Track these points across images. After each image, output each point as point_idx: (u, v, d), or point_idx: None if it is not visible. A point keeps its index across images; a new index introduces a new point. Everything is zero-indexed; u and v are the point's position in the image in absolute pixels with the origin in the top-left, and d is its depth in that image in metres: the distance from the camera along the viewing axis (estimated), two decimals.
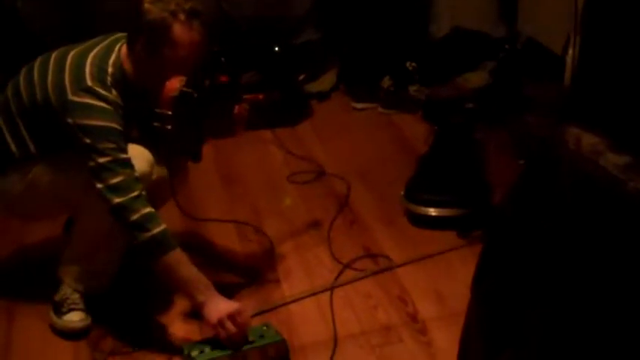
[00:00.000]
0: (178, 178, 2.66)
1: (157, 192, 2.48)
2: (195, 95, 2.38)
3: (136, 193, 2.28)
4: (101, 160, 2.28)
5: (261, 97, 2.59)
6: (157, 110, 2.37)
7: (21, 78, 2.48)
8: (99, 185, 2.28)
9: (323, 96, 4.24)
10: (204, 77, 2.46)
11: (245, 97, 2.56)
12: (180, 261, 2.32)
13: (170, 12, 2.31)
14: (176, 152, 2.56)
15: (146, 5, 2.32)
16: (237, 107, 2.53)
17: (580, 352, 1.41)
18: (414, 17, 4.27)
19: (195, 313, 2.42)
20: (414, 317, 2.58)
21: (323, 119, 4.06)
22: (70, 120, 2.31)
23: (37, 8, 3.95)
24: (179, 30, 2.32)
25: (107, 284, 2.57)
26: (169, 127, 2.37)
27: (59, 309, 2.53)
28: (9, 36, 3.83)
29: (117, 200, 2.27)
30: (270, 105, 3.47)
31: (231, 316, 2.30)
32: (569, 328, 1.42)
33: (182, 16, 2.32)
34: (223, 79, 2.49)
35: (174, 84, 2.38)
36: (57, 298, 2.54)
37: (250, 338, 2.34)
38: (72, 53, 2.43)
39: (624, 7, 1.95)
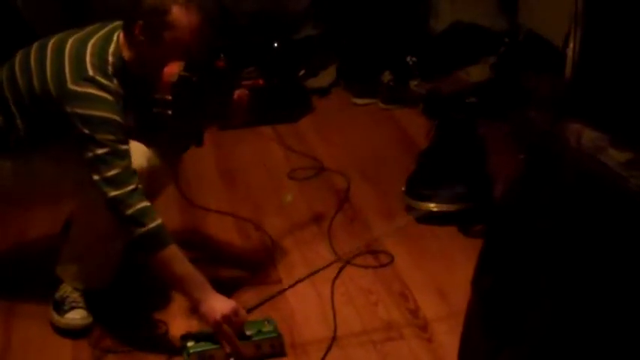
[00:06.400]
0: (174, 168, 2.66)
1: (152, 183, 2.47)
2: (194, 79, 2.37)
3: (132, 187, 2.27)
4: (99, 151, 2.27)
5: (261, 82, 2.59)
6: (157, 96, 2.36)
7: (16, 63, 2.45)
8: (95, 177, 2.27)
9: (323, 92, 4.23)
10: (202, 62, 2.45)
11: (244, 83, 2.56)
12: (175, 257, 2.31)
13: None
14: (178, 137, 2.56)
15: None
16: (236, 92, 2.53)
17: (579, 350, 1.40)
18: (414, 11, 4.26)
19: (195, 310, 2.41)
20: (415, 313, 2.57)
21: (323, 115, 4.05)
22: (69, 109, 2.30)
23: (36, 2, 3.94)
24: (178, 13, 2.33)
25: (106, 282, 2.56)
26: (170, 112, 2.36)
27: (60, 307, 2.52)
28: (7, 30, 3.81)
29: (113, 193, 2.26)
30: (269, 92, 3.47)
31: (228, 317, 2.30)
32: (569, 325, 1.41)
33: (180, 0, 2.33)
34: (221, 64, 2.49)
35: (173, 69, 2.38)
36: (57, 296, 2.53)
37: (248, 332, 2.36)
38: (70, 41, 2.40)
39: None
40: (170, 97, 2.35)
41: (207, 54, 2.53)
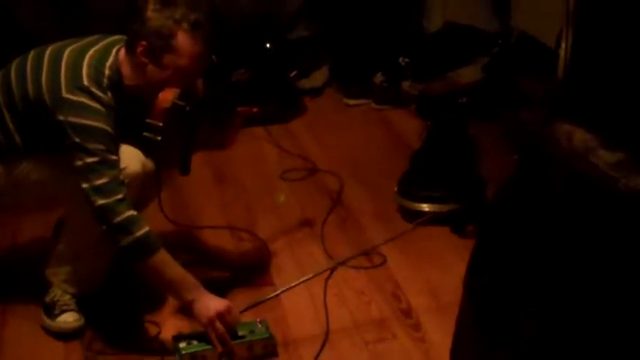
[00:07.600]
0: (165, 184, 2.64)
1: (146, 189, 2.47)
2: (188, 109, 2.36)
3: (120, 196, 2.27)
4: (89, 160, 2.26)
5: (255, 110, 2.57)
6: (148, 120, 2.35)
7: (12, 71, 2.44)
8: (84, 185, 2.27)
9: (315, 92, 4.23)
10: (198, 91, 2.44)
11: (239, 110, 2.55)
12: (165, 262, 2.31)
13: (174, 20, 2.30)
14: (164, 164, 2.54)
15: (149, 13, 2.31)
16: (230, 121, 2.52)
17: (573, 349, 1.40)
18: (406, 12, 4.26)
19: (187, 312, 2.40)
20: (407, 313, 2.57)
21: (316, 116, 4.05)
22: (61, 117, 2.29)
23: (31, 7, 3.93)
24: (182, 39, 2.32)
25: (97, 286, 2.56)
26: (159, 138, 2.35)
27: (51, 311, 2.51)
28: (5, 37, 3.80)
29: (101, 202, 2.26)
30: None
31: (220, 315, 2.30)
32: (562, 325, 1.41)
33: (186, 26, 2.31)
34: (220, 92, 2.47)
35: (168, 95, 2.36)
36: (47, 300, 2.53)
37: (241, 333, 2.36)
38: (68, 50, 2.39)
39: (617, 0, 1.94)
40: (161, 124, 2.34)
41: (207, 82, 2.51)
